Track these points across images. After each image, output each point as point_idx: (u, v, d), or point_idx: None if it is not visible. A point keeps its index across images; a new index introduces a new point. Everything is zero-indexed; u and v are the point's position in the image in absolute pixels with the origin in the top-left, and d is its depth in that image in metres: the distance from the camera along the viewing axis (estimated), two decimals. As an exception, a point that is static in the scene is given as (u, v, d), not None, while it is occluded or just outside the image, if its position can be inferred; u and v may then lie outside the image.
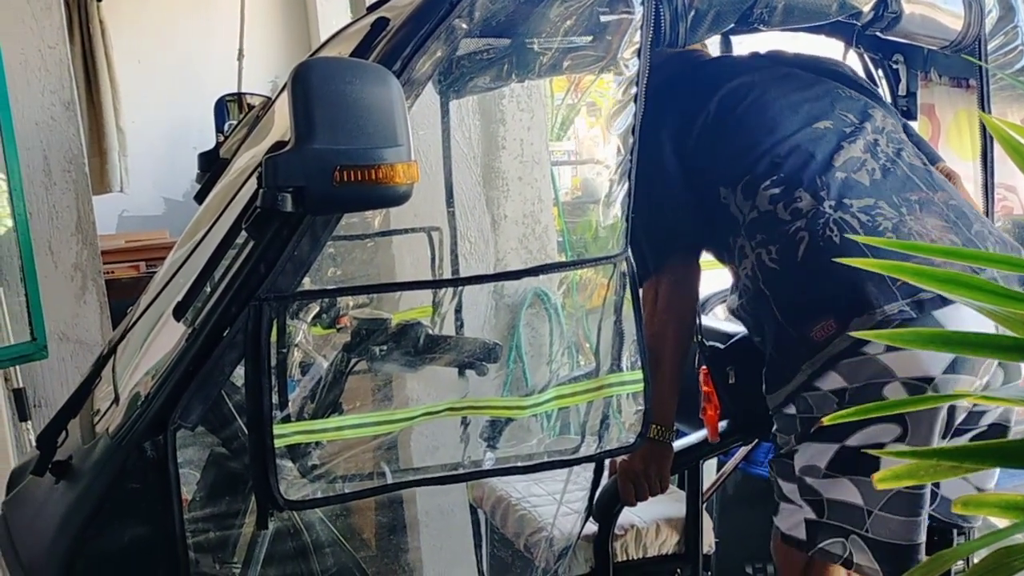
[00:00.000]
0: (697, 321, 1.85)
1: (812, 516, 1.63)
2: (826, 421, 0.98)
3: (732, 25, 1.66)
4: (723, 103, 1.80)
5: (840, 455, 1.58)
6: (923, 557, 1.61)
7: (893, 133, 1.80)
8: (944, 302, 1.52)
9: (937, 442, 1.59)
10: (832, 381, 1.58)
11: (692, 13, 1.59)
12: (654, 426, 1.72)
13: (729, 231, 1.76)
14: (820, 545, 1.62)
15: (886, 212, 1.63)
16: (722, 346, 1.97)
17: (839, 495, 1.60)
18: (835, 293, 1.59)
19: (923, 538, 1.61)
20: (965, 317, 1.50)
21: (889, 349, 1.52)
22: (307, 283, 1.43)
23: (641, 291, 1.68)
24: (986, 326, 1.42)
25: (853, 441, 1.56)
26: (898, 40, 1.90)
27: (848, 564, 1.62)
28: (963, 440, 1.67)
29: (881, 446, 1.54)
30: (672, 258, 1.79)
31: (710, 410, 1.85)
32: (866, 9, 1.73)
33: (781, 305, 1.66)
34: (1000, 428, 1.70)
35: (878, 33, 1.82)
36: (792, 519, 1.66)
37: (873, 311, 1.54)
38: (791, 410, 1.65)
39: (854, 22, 1.77)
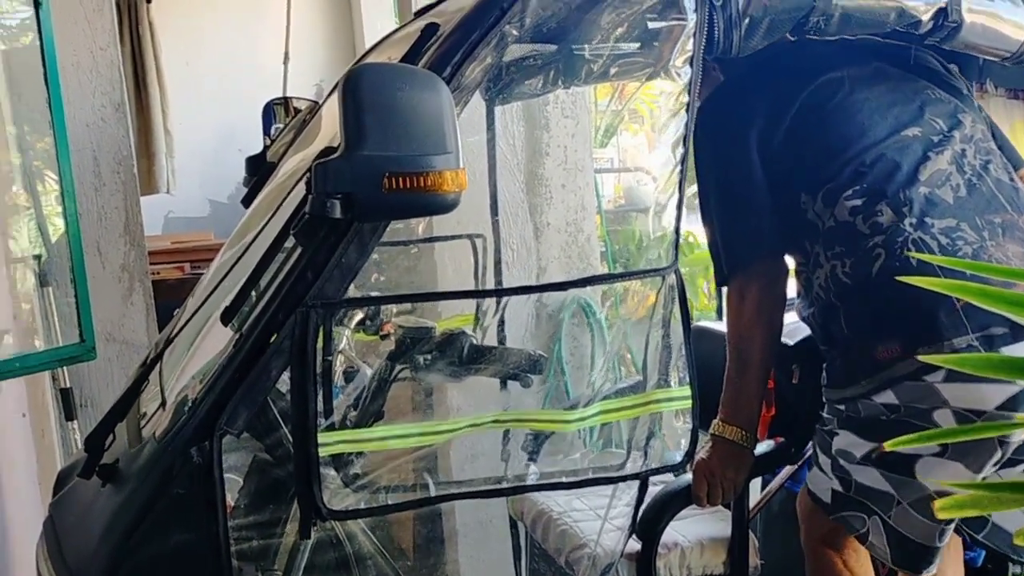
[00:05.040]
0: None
1: (839, 489, 1.66)
2: (888, 446, 0.95)
3: (787, 34, 1.62)
4: (810, 101, 1.75)
5: (875, 452, 1.60)
6: (938, 560, 1.64)
7: (982, 142, 1.75)
8: (1015, 338, 1.50)
9: (989, 470, 1.57)
10: (887, 397, 1.58)
11: (746, 21, 1.56)
12: (737, 429, 1.74)
13: (806, 236, 1.74)
14: (842, 513, 1.66)
15: (967, 236, 1.60)
16: (791, 343, 1.92)
17: (869, 481, 1.62)
18: (905, 318, 1.57)
19: (944, 542, 1.63)
20: None
21: (948, 380, 1.50)
22: (352, 289, 1.43)
23: (725, 292, 1.76)
24: None
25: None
26: (955, 50, 1.85)
27: (863, 539, 1.65)
28: (1018, 470, 1.63)
29: (918, 456, 1.56)
30: (760, 260, 1.75)
31: (764, 408, 1.83)
32: (925, 18, 1.68)
33: (850, 319, 1.66)
34: None
35: (937, 43, 1.77)
36: (821, 485, 1.70)
37: (941, 343, 1.53)
38: (840, 406, 1.68)
39: (912, 31, 1.72)
